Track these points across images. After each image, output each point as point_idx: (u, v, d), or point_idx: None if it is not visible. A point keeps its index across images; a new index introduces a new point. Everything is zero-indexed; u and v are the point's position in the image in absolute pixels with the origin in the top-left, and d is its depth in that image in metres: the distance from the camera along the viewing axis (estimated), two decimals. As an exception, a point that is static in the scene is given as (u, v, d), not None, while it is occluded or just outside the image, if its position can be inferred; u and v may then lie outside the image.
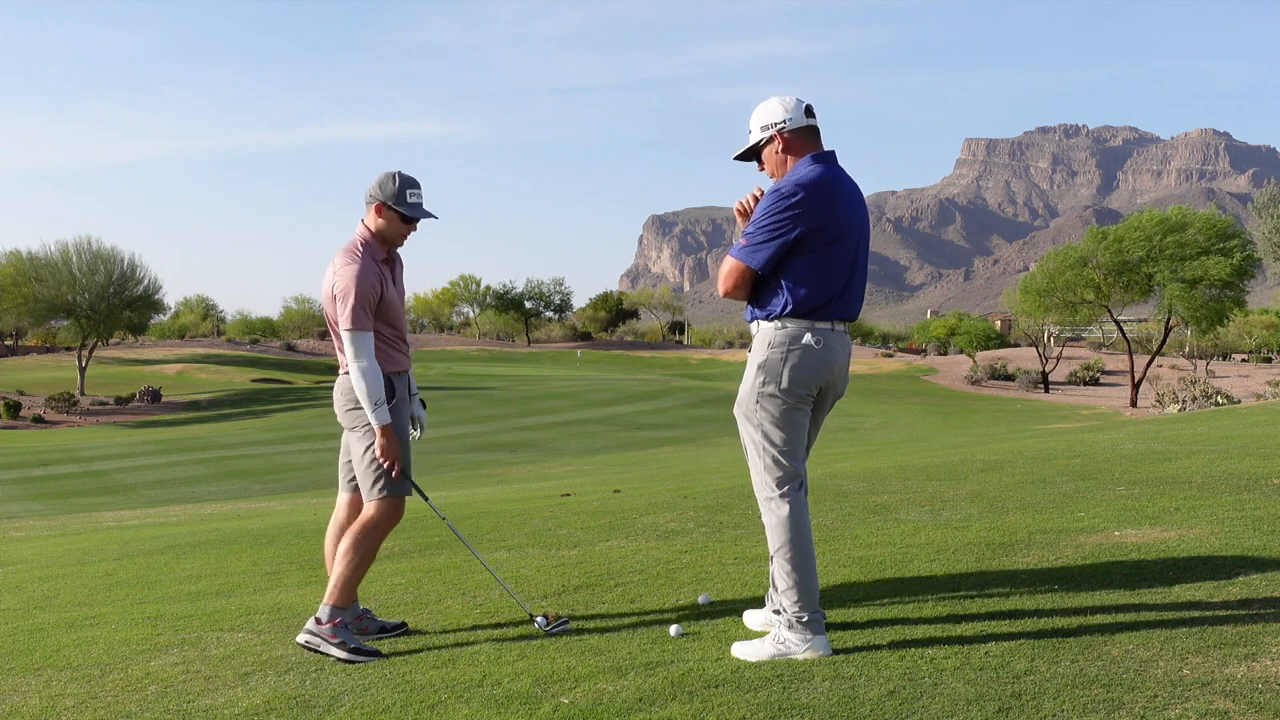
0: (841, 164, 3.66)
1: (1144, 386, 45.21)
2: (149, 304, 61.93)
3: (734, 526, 6.29)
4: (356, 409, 4.04)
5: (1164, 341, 50.05)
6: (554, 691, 3.22)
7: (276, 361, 78.81)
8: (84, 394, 53.99)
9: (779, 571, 3.52)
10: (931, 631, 3.58)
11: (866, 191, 6.27)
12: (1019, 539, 5.08)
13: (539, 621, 3.99)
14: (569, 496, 10.06)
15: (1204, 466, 7.35)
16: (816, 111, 3.67)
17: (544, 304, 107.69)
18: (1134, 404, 42.69)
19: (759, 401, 3.57)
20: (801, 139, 3.63)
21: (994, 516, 5.84)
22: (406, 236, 4.12)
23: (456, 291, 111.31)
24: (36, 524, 14.44)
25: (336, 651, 3.84)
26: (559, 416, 40.15)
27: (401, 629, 4.21)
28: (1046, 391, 55.50)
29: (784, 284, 3.52)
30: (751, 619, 3.93)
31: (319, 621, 3.92)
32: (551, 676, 3.37)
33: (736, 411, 3.68)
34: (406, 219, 4.07)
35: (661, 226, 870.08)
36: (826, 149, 3.64)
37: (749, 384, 3.60)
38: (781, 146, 3.63)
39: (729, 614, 4.07)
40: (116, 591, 5.87)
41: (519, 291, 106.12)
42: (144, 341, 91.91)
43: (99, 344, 63.08)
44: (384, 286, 4.04)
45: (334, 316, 4.01)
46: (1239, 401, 29.10)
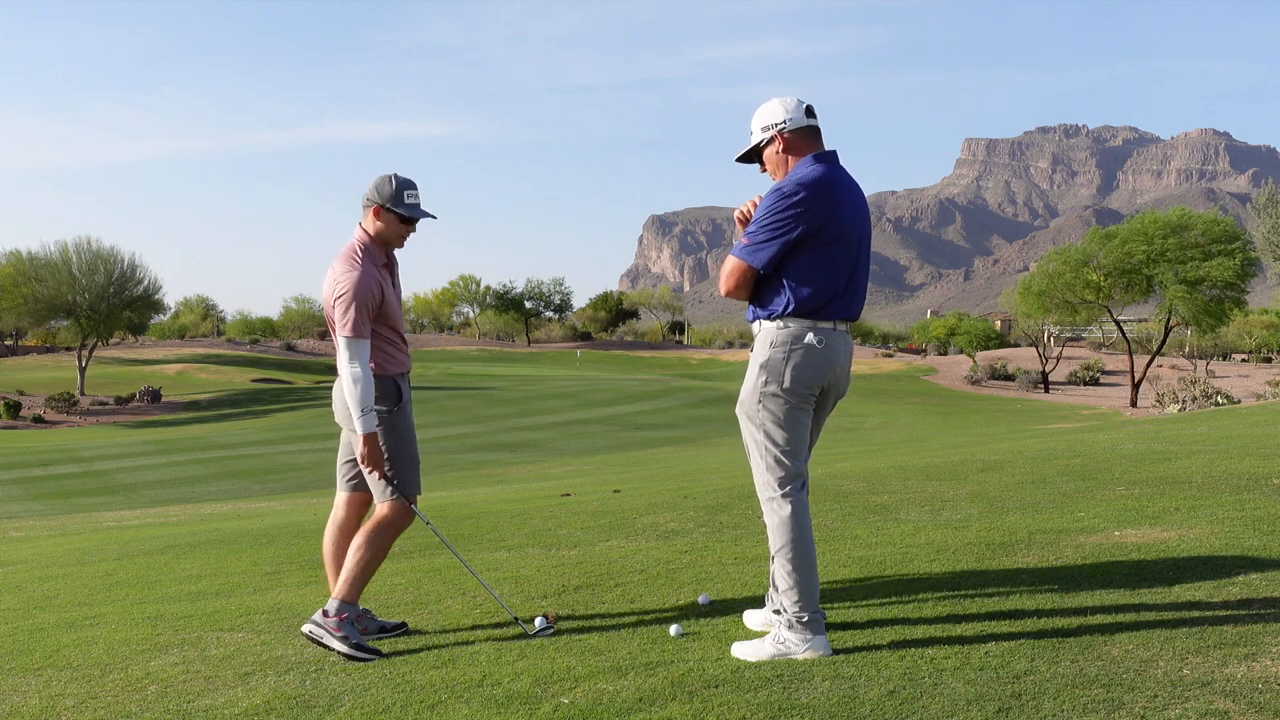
0: (842, 164, 3.66)
1: (1144, 386, 45.22)
2: (149, 304, 61.94)
3: (734, 526, 6.29)
4: (358, 411, 4.04)
5: (1164, 341, 50.05)
6: (554, 691, 3.22)
7: (276, 361, 78.82)
8: (84, 394, 53.99)
9: (780, 571, 3.52)
10: (931, 631, 3.58)
11: (867, 191, 6.28)
12: (1019, 539, 5.08)
13: (538, 622, 4.00)
14: (569, 496, 10.06)
15: (1204, 466, 7.35)
16: (817, 112, 3.67)
17: (544, 304, 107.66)
18: (1134, 404, 42.70)
19: (761, 401, 3.57)
20: (802, 139, 3.63)
21: (994, 516, 5.85)
22: (406, 238, 4.13)
23: (456, 291, 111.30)
24: (36, 524, 14.44)
25: (338, 645, 3.85)
26: (559, 416, 40.15)
27: (401, 629, 4.21)
28: (1046, 391, 55.50)
29: (786, 283, 3.52)
30: (751, 619, 3.93)
31: (326, 614, 3.94)
32: (551, 676, 3.37)
33: (739, 411, 3.68)
34: (405, 220, 4.08)
35: (661, 226, 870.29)
36: (828, 149, 3.64)
37: (751, 383, 3.60)
38: (782, 147, 3.63)
39: (729, 614, 4.07)
40: (116, 591, 5.87)
41: (519, 291, 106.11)
42: (144, 341, 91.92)
43: (99, 344, 63.08)
44: (384, 291, 4.05)
45: (334, 321, 4.03)
46: (1239, 401, 29.10)
